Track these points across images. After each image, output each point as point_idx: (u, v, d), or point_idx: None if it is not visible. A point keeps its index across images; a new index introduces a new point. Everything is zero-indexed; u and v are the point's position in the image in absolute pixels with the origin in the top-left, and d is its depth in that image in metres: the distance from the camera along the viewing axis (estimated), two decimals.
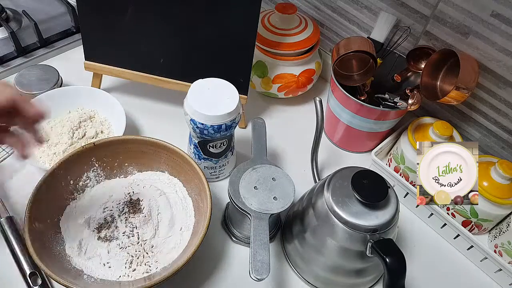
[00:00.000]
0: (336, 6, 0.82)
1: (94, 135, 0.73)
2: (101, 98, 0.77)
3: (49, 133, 0.72)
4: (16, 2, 0.98)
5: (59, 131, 0.72)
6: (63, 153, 0.69)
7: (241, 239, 0.65)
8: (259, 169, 0.60)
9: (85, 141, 0.72)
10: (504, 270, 0.62)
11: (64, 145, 0.70)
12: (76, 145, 0.70)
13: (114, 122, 0.75)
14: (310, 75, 0.82)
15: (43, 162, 0.69)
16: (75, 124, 0.73)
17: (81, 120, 0.74)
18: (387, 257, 0.49)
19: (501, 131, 0.69)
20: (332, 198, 0.53)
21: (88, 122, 0.75)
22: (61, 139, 0.71)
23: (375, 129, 0.74)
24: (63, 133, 0.72)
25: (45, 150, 0.70)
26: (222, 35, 0.70)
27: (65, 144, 0.70)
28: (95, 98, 0.77)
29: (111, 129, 0.75)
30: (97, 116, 0.77)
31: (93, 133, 0.73)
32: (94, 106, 0.77)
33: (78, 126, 0.73)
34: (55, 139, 0.71)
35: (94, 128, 0.74)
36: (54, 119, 0.74)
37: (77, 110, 0.76)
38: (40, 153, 0.70)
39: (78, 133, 0.72)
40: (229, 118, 0.61)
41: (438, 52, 0.65)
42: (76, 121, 0.73)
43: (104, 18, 0.72)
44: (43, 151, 0.70)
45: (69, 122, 0.73)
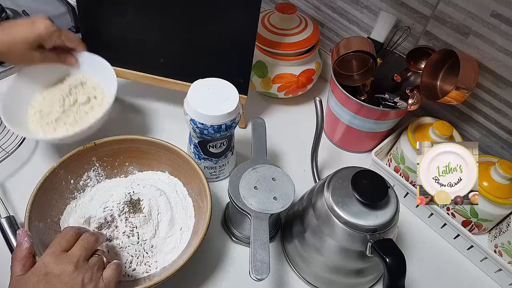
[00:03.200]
0: (336, 6, 0.82)
1: (87, 101, 0.70)
2: (92, 62, 0.72)
3: (40, 102, 0.70)
4: (16, 2, 0.98)
5: (50, 100, 0.70)
6: (55, 122, 0.67)
7: (241, 239, 0.65)
8: (259, 169, 0.60)
9: (78, 107, 0.69)
10: (504, 270, 0.62)
11: (56, 113, 0.68)
12: (68, 112, 0.69)
13: (108, 87, 0.71)
14: (310, 75, 0.82)
15: (36, 132, 0.67)
16: (65, 91, 0.70)
17: (71, 86, 0.71)
18: (387, 257, 0.49)
19: (501, 131, 0.69)
20: (332, 198, 0.53)
21: (80, 88, 0.71)
22: (52, 108, 0.68)
23: (375, 129, 0.74)
24: (54, 102, 0.69)
25: (37, 120, 0.68)
26: (222, 35, 0.70)
27: (57, 112, 0.68)
28: (87, 63, 0.72)
29: (105, 94, 0.71)
30: (89, 81, 0.73)
31: (85, 99, 0.70)
32: (86, 72, 0.73)
33: (69, 93, 0.70)
34: (47, 109, 0.69)
35: (86, 94, 0.71)
36: (46, 89, 0.72)
37: (68, 78, 0.73)
38: (32, 123, 0.68)
39: (69, 99, 0.69)
40: (229, 118, 0.61)
41: (438, 52, 0.65)
42: (67, 88, 0.70)
43: (104, 18, 0.72)
44: (36, 121, 0.68)
45: (60, 90, 0.70)
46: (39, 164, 0.71)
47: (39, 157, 0.73)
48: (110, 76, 0.70)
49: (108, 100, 0.69)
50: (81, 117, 0.69)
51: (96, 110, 0.70)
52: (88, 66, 0.72)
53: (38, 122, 0.68)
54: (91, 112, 0.70)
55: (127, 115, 0.81)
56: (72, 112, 0.69)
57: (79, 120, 0.69)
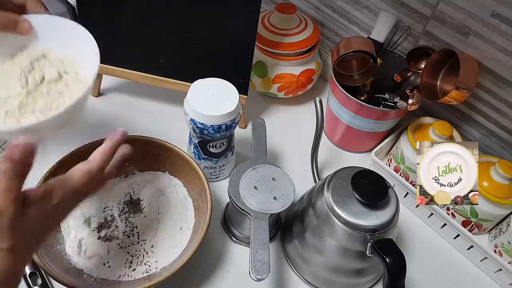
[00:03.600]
0: (336, 6, 0.82)
1: (57, 77, 0.50)
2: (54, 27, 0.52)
3: None
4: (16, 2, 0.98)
5: (4, 80, 0.50)
6: (18, 110, 0.47)
7: (241, 239, 0.65)
8: (259, 169, 0.60)
9: (47, 86, 0.50)
10: (504, 270, 0.62)
11: (18, 97, 0.48)
12: (35, 94, 0.49)
13: (80, 57, 0.52)
14: (310, 75, 0.82)
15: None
16: (25, 66, 0.50)
17: (32, 59, 0.51)
18: (387, 257, 0.49)
19: (501, 131, 0.69)
20: (332, 198, 0.53)
21: (43, 61, 0.52)
22: (11, 91, 0.48)
23: (375, 129, 0.74)
24: (10, 82, 0.49)
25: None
26: (222, 35, 0.70)
27: (19, 95, 0.48)
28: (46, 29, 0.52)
29: (78, 67, 0.52)
30: (52, 54, 0.53)
31: (55, 74, 0.50)
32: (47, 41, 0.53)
33: (31, 68, 0.50)
34: (2, 93, 0.48)
35: (54, 66, 0.51)
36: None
37: (23, 50, 0.52)
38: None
39: (33, 77, 0.50)
40: (229, 118, 0.61)
41: (438, 52, 0.65)
42: (26, 61, 0.50)
43: (104, 18, 0.72)
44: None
45: (17, 65, 0.50)
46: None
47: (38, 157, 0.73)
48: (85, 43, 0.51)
49: (88, 73, 0.51)
50: (54, 99, 0.49)
51: (73, 89, 0.51)
52: (49, 34, 0.52)
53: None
54: (67, 91, 0.50)
55: (127, 115, 0.81)
56: (41, 93, 0.49)
57: (52, 104, 0.49)
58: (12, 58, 0.51)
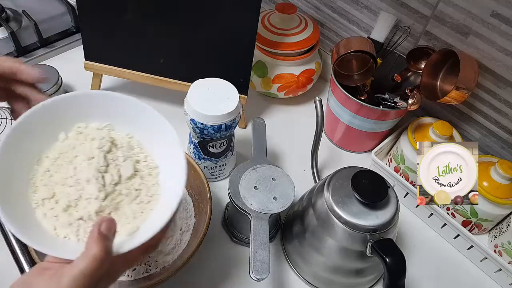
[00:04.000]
0: (336, 6, 0.82)
1: (132, 174, 0.43)
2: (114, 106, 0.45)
3: (52, 186, 0.41)
4: (16, 2, 0.98)
5: (71, 178, 0.41)
6: (96, 216, 0.40)
7: (241, 239, 0.65)
8: (259, 169, 0.60)
9: (125, 185, 0.43)
10: (504, 270, 0.62)
11: (94, 202, 0.40)
12: (113, 195, 0.42)
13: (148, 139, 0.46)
14: (310, 75, 0.82)
15: (67, 238, 0.40)
16: (100, 163, 0.42)
17: (103, 151, 0.43)
18: (387, 257, 0.49)
19: (501, 131, 0.69)
20: (332, 198, 0.53)
21: (114, 150, 0.44)
22: (83, 192, 0.41)
23: (375, 129, 0.74)
24: (78, 180, 0.41)
25: (59, 215, 0.40)
26: (222, 35, 0.70)
27: (96, 199, 0.40)
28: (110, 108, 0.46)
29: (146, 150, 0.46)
30: (115, 133, 0.46)
31: (131, 170, 0.43)
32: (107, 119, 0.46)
33: (106, 163, 0.42)
34: (73, 194, 0.40)
35: (128, 159, 0.44)
36: (53, 153, 0.43)
37: (80, 130, 0.45)
38: (53, 222, 0.40)
39: (111, 176, 0.42)
40: (229, 118, 0.61)
41: (438, 52, 0.65)
42: (99, 156, 0.42)
43: (104, 18, 0.72)
44: (57, 217, 0.40)
45: (85, 160, 0.42)
46: None
47: None
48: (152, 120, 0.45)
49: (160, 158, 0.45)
50: (141, 203, 0.43)
51: (149, 183, 0.44)
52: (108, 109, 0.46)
53: (61, 219, 0.40)
54: (144, 188, 0.44)
55: None
56: (120, 195, 0.42)
57: (139, 212, 0.42)
58: (66, 135, 0.45)
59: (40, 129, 0.43)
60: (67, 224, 0.40)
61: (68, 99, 0.44)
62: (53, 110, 0.43)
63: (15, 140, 0.41)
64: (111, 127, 0.46)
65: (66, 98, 0.44)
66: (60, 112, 0.44)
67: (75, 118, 0.45)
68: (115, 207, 0.41)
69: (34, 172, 0.42)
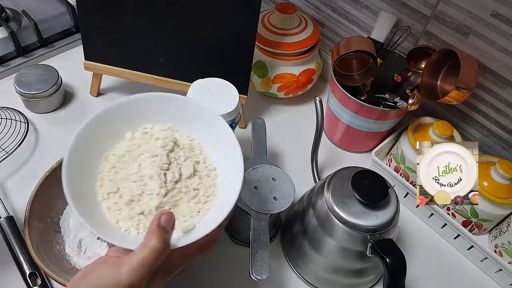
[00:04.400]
0: (336, 6, 0.82)
1: (192, 174, 0.46)
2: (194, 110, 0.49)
3: (117, 181, 0.45)
4: (16, 2, 0.98)
5: (135, 174, 0.44)
6: (156, 210, 0.43)
7: (241, 240, 0.65)
8: (259, 169, 0.60)
9: (184, 184, 0.45)
10: (504, 270, 0.62)
11: (155, 197, 0.43)
12: (173, 192, 0.44)
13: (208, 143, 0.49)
14: (310, 75, 0.82)
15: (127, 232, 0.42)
16: (163, 160, 0.45)
17: (167, 149, 0.46)
18: (387, 257, 0.48)
19: (501, 131, 0.69)
20: (332, 198, 0.53)
21: (177, 150, 0.47)
22: (145, 188, 0.43)
23: (375, 129, 0.74)
24: (141, 176, 0.44)
25: (122, 209, 0.43)
26: (222, 35, 0.70)
27: (157, 195, 0.43)
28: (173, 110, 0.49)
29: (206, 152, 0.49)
30: (178, 135, 0.49)
31: (191, 169, 0.46)
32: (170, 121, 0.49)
33: (168, 162, 0.45)
34: (136, 189, 0.43)
35: (189, 159, 0.47)
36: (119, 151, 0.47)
37: (146, 131, 0.48)
38: (116, 215, 0.43)
39: (172, 173, 0.45)
40: (229, 118, 0.61)
41: (438, 52, 0.65)
42: (162, 155, 0.45)
43: (104, 18, 0.72)
44: (120, 211, 0.43)
45: (149, 157, 0.45)
46: (39, 164, 0.71)
47: (39, 157, 0.73)
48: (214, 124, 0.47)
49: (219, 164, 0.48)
50: (199, 203, 0.46)
51: (206, 183, 0.47)
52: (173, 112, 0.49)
53: (124, 214, 0.43)
54: (202, 188, 0.46)
55: None
56: (180, 193, 0.45)
57: (196, 211, 0.45)
58: (133, 134, 0.48)
59: (108, 129, 0.46)
60: (129, 217, 0.42)
61: (132, 102, 0.48)
62: (119, 112, 0.47)
63: (85, 138, 0.44)
64: (174, 129, 0.49)
65: (130, 101, 0.48)
66: (127, 113, 0.47)
67: (141, 120, 0.48)
68: (174, 204, 0.44)
69: (101, 168, 0.45)
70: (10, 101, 0.78)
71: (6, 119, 0.74)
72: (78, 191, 0.42)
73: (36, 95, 0.76)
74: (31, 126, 0.77)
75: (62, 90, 0.81)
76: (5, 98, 0.79)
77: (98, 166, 0.46)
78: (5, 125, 0.73)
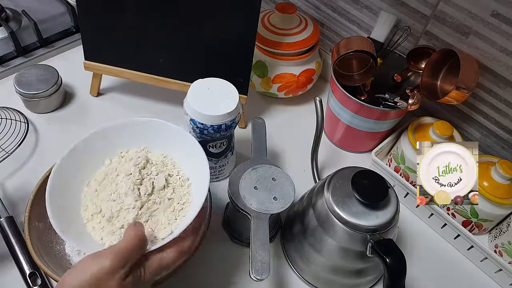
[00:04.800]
0: (336, 6, 0.82)
1: (165, 184, 0.51)
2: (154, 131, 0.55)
3: (99, 203, 0.50)
4: (16, 2, 0.98)
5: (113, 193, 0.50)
6: (133, 221, 0.48)
7: (241, 239, 0.65)
8: (259, 169, 0.60)
9: (158, 195, 0.50)
10: (504, 270, 0.62)
11: (132, 211, 0.48)
12: (148, 204, 0.49)
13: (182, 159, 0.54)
14: (310, 75, 0.82)
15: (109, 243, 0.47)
16: (135, 176, 0.50)
17: (140, 167, 0.52)
18: (387, 257, 0.48)
19: (501, 131, 0.69)
20: (332, 198, 0.53)
21: (148, 167, 0.53)
22: (123, 204, 0.49)
23: (375, 129, 0.74)
24: (119, 194, 0.49)
25: (105, 226, 0.48)
26: (222, 35, 0.70)
27: (133, 208, 0.48)
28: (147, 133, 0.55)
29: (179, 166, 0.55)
30: (151, 154, 0.55)
31: (163, 181, 0.51)
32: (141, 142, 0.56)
33: (141, 177, 0.50)
34: (115, 206, 0.48)
35: (161, 173, 0.52)
36: (93, 174, 0.53)
37: (122, 155, 0.54)
38: (100, 233, 0.48)
39: (145, 187, 0.50)
40: (229, 118, 0.61)
41: (439, 52, 0.65)
42: (135, 171, 0.51)
43: (103, 18, 0.72)
44: (103, 229, 0.48)
45: (124, 176, 0.51)
46: (39, 164, 0.71)
47: (39, 157, 0.73)
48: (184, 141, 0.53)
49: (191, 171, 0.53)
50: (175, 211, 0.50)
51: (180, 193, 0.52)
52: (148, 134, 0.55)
53: (105, 228, 0.48)
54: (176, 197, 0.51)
55: (127, 115, 0.81)
56: (155, 204, 0.50)
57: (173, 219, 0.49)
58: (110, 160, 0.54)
59: (86, 159, 0.52)
60: (111, 233, 0.48)
61: (106, 131, 0.54)
62: (94, 143, 0.53)
63: (64, 171, 0.50)
64: (148, 149, 0.56)
65: (104, 131, 0.54)
66: (101, 144, 0.53)
67: (117, 146, 0.54)
68: (150, 214, 0.49)
69: (84, 193, 0.51)
70: (10, 101, 0.78)
71: (6, 119, 0.74)
72: (66, 220, 0.47)
73: (36, 95, 0.76)
74: (31, 126, 0.77)
75: (62, 90, 0.81)
76: (5, 98, 0.79)
77: (82, 192, 0.51)
78: (5, 125, 0.73)
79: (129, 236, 0.41)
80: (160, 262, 0.43)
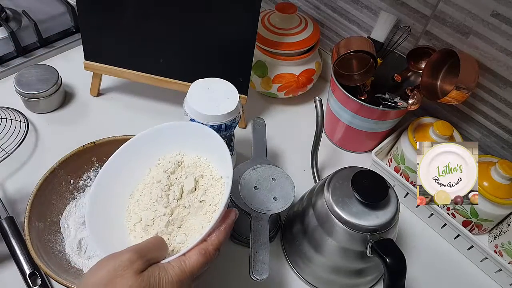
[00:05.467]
0: (336, 6, 0.82)
1: (195, 185, 0.51)
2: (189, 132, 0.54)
3: (136, 208, 0.51)
4: (16, 2, 0.98)
5: (147, 203, 0.51)
6: (166, 229, 0.48)
7: (241, 240, 0.65)
8: (259, 169, 0.60)
9: (187, 199, 0.50)
10: (504, 270, 0.62)
11: (163, 218, 0.48)
12: (178, 209, 0.49)
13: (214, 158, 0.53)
14: (310, 75, 0.82)
15: None
16: (164, 183, 0.51)
17: (169, 173, 0.52)
18: (387, 257, 0.48)
19: (501, 131, 0.69)
20: (332, 198, 0.53)
21: (179, 171, 0.53)
22: (155, 212, 0.49)
23: (375, 129, 0.74)
24: (152, 202, 0.50)
25: (143, 236, 0.49)
26: (222, 35, 0.70)
27: (164, 215, 0.48)
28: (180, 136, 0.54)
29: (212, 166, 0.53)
30: (186, 158, 0.54)
31: (192, 184, 0.50)
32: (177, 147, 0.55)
33: (169, 183, 0.51)
34: (149, 215, 0.49)
35: (188, 174, 0.52)
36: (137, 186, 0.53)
37: (159, 162, 0.54)
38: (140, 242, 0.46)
39: (173, 192, 0.50)
40: (229, 118, 0.61)
41: (439, 52, 0.65)
42: (164, 178, 0.51)
43: (103, 18, 0.72)
44: (142, 238, 0.48)
45: (155, 183, 0.52)
46: (39, 164, 0.71)
47: (39, 157, 0.73)
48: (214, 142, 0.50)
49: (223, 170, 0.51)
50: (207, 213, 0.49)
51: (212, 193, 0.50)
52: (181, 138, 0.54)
53: (141, 239, 0.48)
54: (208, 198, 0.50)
55: (127, 115, 0.81)
56: (185, 209, 0.49)
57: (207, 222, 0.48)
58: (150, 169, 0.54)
59: (126, 171, 0.52)
60: None
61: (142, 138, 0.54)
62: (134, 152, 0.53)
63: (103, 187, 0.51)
64: (184, 153, 0.54)
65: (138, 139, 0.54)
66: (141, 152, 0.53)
67: (156, 153, 0.54)
68: (182, 220, 0.49)
69: (128, 204, 0.52)
70: (10, 101, 0.78)
71: (6, 119, 0.74)
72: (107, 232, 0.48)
73: (36, 95, 0.76)
74: (31, 126, 0.77)
75: (62, 90, 0.81)
76: (5, 98, 0.79)
77: (126, 203, 0.52)
78: (5, 125, 0.73)
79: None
80: (182, 266, 0.42)
